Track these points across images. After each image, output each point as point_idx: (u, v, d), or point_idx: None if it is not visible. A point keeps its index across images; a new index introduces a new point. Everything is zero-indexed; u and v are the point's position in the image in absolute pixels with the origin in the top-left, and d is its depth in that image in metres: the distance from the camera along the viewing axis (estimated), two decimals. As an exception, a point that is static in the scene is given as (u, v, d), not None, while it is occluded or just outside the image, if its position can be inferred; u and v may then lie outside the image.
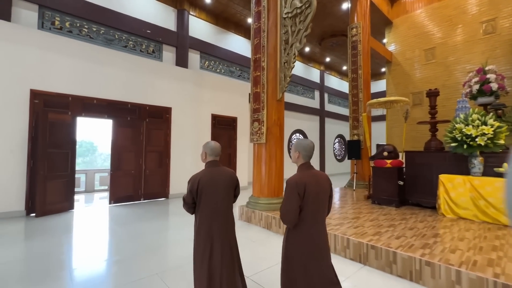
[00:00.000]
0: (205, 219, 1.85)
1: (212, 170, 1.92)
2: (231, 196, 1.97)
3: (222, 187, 1.89)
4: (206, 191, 1.84)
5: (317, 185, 1.61)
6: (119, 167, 6.33)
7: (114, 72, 6.34)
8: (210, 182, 1.86)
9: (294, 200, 1.55)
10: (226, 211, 1.92)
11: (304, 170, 1.67)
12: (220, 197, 1.88)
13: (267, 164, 4.72)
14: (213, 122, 8.29)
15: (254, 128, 4.88)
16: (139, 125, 6.68)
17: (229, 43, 9.94)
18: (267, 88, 4.76)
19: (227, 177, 1.93)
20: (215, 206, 1.86)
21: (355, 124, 7.89)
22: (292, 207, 1.55)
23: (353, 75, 7.99)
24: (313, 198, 1.57)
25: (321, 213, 1.64)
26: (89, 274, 2.79)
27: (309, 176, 1.62)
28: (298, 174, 1.65)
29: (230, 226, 1.94)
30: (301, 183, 1.56)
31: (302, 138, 1.76)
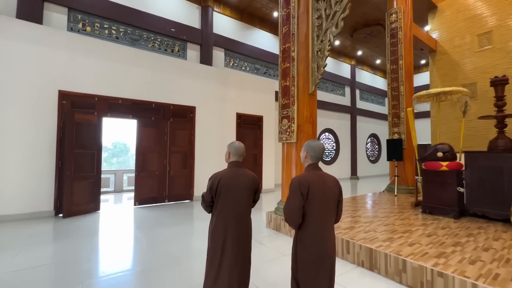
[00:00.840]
0: (221, 220, 1.81)
1: (234, 170, 1.88)
2: (250, 199, 1.92)
3: (242, 189, 1.84)
4: (226, 191, 1.80)
5: (323, 186, 1.56)
6: (143, 168, 6.21)
7: (139, 71, 6.24)
8: (231, 182, 1.82)
9: (296, 200, 1.53)
10: (243, 215, 1.85)
11: (310, 170, 1.64)
12: (239, 199, 1.83)
13: (298, 166, 4.20)
14: (238, 121, 7.94)
15: (283, 126, 4.38)
16: (163, 125, 6.52)
17: (254, 39, 9.55)
18: (297, 81, 4.24)
19: (248, 180, 1.88)
20: (232, 207, 1.82)
21: (395, 121, 7.03)
22: (294, 207, 1.53)
23: (392, 67, 7.13)
24: (318, 200, 1.53)
25: (328, 217, 1.58)
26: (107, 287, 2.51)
27: (314, 176, 1.58)
28: (303, 173, 1.63)
29: (246, 230, 1.87)
30: (304, 182, 1.54)
31: (312, 140, 1.77)
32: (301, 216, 1.54)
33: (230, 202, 1.82)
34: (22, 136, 4.88)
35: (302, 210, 1.53)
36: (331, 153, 12.58)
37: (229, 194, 1.81)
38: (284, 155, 4.41)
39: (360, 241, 3.02)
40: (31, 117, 4.98)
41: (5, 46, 4.81)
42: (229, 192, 1.81)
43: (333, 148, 12.69)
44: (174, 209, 5.90)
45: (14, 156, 4.80)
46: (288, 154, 4.32)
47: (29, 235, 3.97)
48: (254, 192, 1.93)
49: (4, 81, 4.77)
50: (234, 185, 1.82)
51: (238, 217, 1.83)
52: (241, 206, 1.85)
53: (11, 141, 4.78)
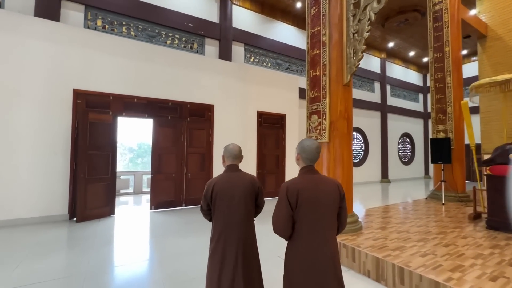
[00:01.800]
0: (219, 228, 1.70)
1: (230, 175, 1.76)
2: (249, 205, 1.76)
3: (239, 195, 1.71)
4: (221, 197, 1.70)
5: (315, 191, 1.39)
6: (159, 170, 5.87)
7: (155, 68, 5.93)
8: (226, 188, 1.71)
9: (283, 208, 1.39)
10: (243, 222, 1.71)
11: (302, 174, 1.48)
12: (235, 205, 1.70)
13: (330, 170, 3.55)
14: (259, 120, 7.40)
15: (312, 123, 3.75)
16: (180, 125, 6.16)
17: (276, 33, 8.97)
18: (329, 70, 3.60)
19: (246, 184, 1.74)
20: (229, 215, 1.69)
21: (440, 118, 6.09)
22: (282, 216, 1.40)
23: (436, 55, 6.19)
24: (310, 207, 1.38)
25: (324, 227, 1.40)
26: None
27: (306, 181, 1.42)
28: (294, 178, 1.47)
29: (248, 239, 1.72)
30: (293, 189, 1.39)
31: (305, 138, 1.56)
32: (290, 226, 1.40)
33: (225, 209, 1.69)
34: (36, 137, 4.72)
35: (291, 220, 1.39)
36: (359, 154, 11.61)
37: (224, 200, 1.70)
38: (314, 157, 3.78)
39: (419, 270, 2.33)
40: (46, 116, 4.81)
41: (21, 44, 4.67)
42: (223, 199, 1.70)
43: (362, 149, 11.72)
44: (191, 215, 5.48)
45: (28, 158, 4.64)
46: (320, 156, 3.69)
47: (37, 243, 3.71)
48: (254, 196, 1.78)
49: (19, 80, 4.63)
50: (229, 191, 1.70)
51: (236, 225, 1.69)
52: (238, 213, 1.70)
53: (24, 141, 4.63)
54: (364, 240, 3.14)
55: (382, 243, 3.01)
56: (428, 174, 14.39)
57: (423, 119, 14.61)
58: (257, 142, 7.29)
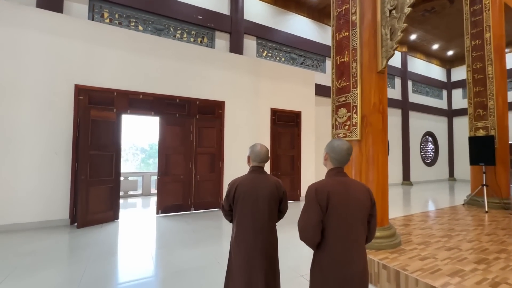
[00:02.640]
0: (241, 231, 1.63)
1: (254, 177, 1.69)
2: (273, 210, 1.68)
3: (262, 198, 1.63)
4: (244, 199, 1.63)
5: (346, 196, 1.28)
6: (166, 171, 5.46)
7: (162, 62, 5.53)
8: (250, 190, 1.64)
9: (313, 212, 1.26)
10: (265, 227, 1.62)
11: (331, 176, 1.36)
12: (258, 211, 1.62)
13: (362, 173, 2.99)
14: (272, 117, 6.88)
15: (340, 117, 3.20)
16: (188, 123, 5.73)
17: (290, 26, 8.42)
18: (360, 55, 3.04)
19: (270, 188, 1.66)
20: (251, 220, 1.61)
21: (479, 113, 5.37)
22: (310, 221, 1.26)
23: (474, 42, 5.48)
24: (341, 212, 1.25)
25: (355, 235, 1.26)
26: None
27: (336, 183, 1.31)
28: (322, 180, 1.37)
29: (269, 246, 1.62)
30: (322, 191, 1.27)
31: (336, 138, 1.45)
32: (319, 232, 1.26)
33: (249, 213, 1.63)
34: (35, 135, 4.40)
35: (320, 226, 1.26)
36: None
37: (247, 204, 1.63)
38: (341, 157, 3.22)
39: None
40: (45, 114, 4.49)
41: (20, 37, 4.37)
42: (246, 202, 1.63)
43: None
44: (201, 220, 5.02)
45: (26, 158, 4.32)
46: (347, 156, 3.13)
47: (31, 251, 3.34)
48: (278, 202, 1.71)
49: (18, 75, 4.32)
50: (253, 195, 1.64)
51: (258, 231, 1.61)
52: (261, 219, 1.62)
53: (23, 140, 4.31)
54: (409, 260, 2.56)
55: (432, 265, 2.43)
56: (453, 176, 13.40)
57: (447, 117, 13.63)
58: (270, 142, 6.77)
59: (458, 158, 13.21)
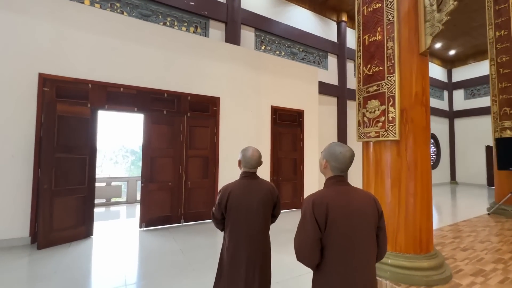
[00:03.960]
0: (234, 241, 1.55)
1: (247, 182, 1.62)
2: (267, 217, 1.63)
3: (257, 206, 1.57)
4: (237, 207, 1.56)
5: (349, 208, 1.11)
6: (152, 177, 4.67)
7: (148, 51, 4.76)
8: (243, 197, 1.57)
9: (310, 229, 1.09)
10: (260, 235, 1.57)
11: (331, 185, 1.20)
12: (253, 218, 1.56)
13: (402, 184, 2.31)
14: (273, 116, 6.18)
15: (370, 111, 2.52)
16: (178, 121, 4.97)
17: (290, 18, 7.78)
18: (398, 31, 2.38)
19: (264, 193, 1.61)
20: (245, 227, 1.55)
21: (506, 112, 4.80)
22: (307, 240, 1.09)
23: (499, 33, 4.93)
24: (341, 228, 1.08)
25: (360, 252, 1.09)
26: None
27: (336, 194, 1.14)
28: (320, 190, 1.20)
29: (263, 253, 1.56)
30: (320, 204, 1.10)
31: (336, 143, 1.24)
32: (318, 251, 1.09)
33: (241, 223, 1.55)
34: (-15, 135, 3.56)
35: (319, 244, 1.09)
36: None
37: (241, 212, 1.55)
38: (370, 163, 2.53)
39: None
40: (0, 109, 3.66)
41: (-33, 13, 3.54)
42: (240, 210, 1.55)
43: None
44: (191, 235, 4.26)
45: (-26, 163, 3.48)
46: (378, 162, 2.44)
47: (-37, 289, 2.52)
48: (272, 207, 1.65)
49: (-36, 60, 3.49)
50: (246, 201, 1.56)
51: (252, 238, 1.54)
52: (255, 226, 1.56)
53: (-31, 141, 3.47)
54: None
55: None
56: (454, 179, 13.00)
57: (448, 119, 13.26)
58: (271, 143, 6.07)
59: (460, 160, 12.83)
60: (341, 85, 8.67)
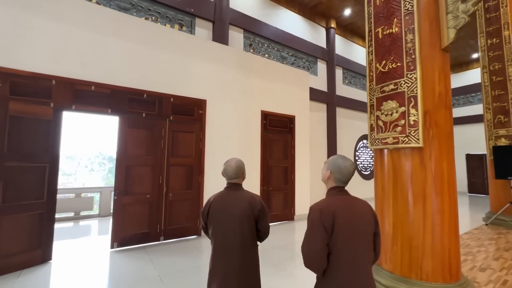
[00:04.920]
0: (214, 252, 1.53)
1: (227, 194, 1.60)
2: (246, 230, 1.51)
3: (234, 217, 1.51)
4: (216, 218, 1.54)
5: (352, 215, 1.18)
6: (127, 189, 4.07)
7: (126, 46, 4.23)
8: (221, 208, 1.55)
9: (318, 235, 1.15)
10: (239, 249, 1.48)
11: (335, 194, 1.27)
12: (230, 229, 1.50)
13: (427, 199, 1.96)
14: (263, 122, 5.79)
15: (386, 114, 2.18)
16: (159, 125, 4.43)
17: (280, 21, 7.54)
18: (419, 23, 2.08)
19: (243, 205, 1.53)
20: (223, 239, 1.51)
21: (501, 120, 4.74)
22: (316, 245, 1.15)
23: (491, 41, 4.91)
24: (347, 234, 1.15)
25: (362, 257, 1.17)
26: None
27: (341, 202, 1.22)
28: (325, 199, 1.27)
29: (245, 269, 1.46)
30: (328, 212, 1.17)
31: (341, 156, 1.32)
32: (325, 258, 1.15)
33: (219, 232, 1.53)
34: None
35: (327, 250, 1.15)
36: (370, 164, 10.23)
37: (219, 223, 1.53)
38: (386, 174, 2.18)
39: None
40: None
41: None
42: (218, 221, 1.54)
43: (372, 159, 10.34)
44: (172, 257, 3.68)
45: None
46: (400, 173, 2.09)
47: None
48: (253, 219, 1.54)
49: None
50: (224, 212, 1.53)
51: (228, 251, 1.48)
52: (230, 238, 1.49)
53: None
54: None
55: None
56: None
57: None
58: (261, 151, 5.66)
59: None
60: (330, 92, 8.51)
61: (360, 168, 9.67)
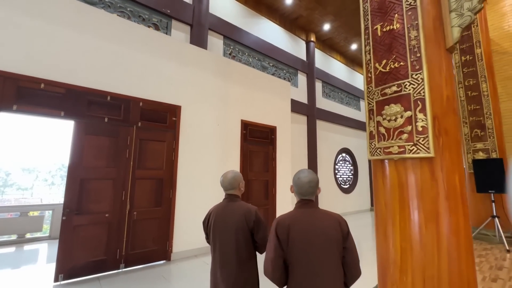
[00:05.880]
0: (212, 263, 1.56)
1: (224, 205, 1.62)
2: (241, 242, 1.50)
3: (229, 229, 1.51)
4: (214, 229, 1.56)
5: (309, 228, 1.18)
6: (80, 207, 3.39)
7: (87, 40, 3.68)
8: (219, 220, 1.56)
9: (272, 246, 1.20)
10: (232, 260, 1.47)
11: (296, 208, 1.31)
12: (226, 241, 1.51)
13: (440, 218, 1.67)
14: (243, 132, 5.41)
15: (389, 118, 1.90)
16: (124, 133, 3.85)
17: (261, 30, 7.40)
18: (422, 18, 1.87)
19: (238, 217, 1.52)
20: (219, 251, 1.51)
21: (478, 133, 4.81)
22: (270, 255, 1.20)
23: (465, 57, 5.09)
24: (301, 247, 1.15)
25: (321, 272, 1.12)
26: None
27: (299, 215, 1.24)
28: (288, 212, 1.31)
29: (239, 282, 1.44)
30: (283, 225, 1.21)
31: (302, 169, 1.36)
32: (280, 269, 1.16)
33: (216, 245, 1.54)
34: None
35: (280, 261, 1.17)
36: (349, 178, 10.19)
37: (215, 234, 1.55)
38: (389, 188, 1.87)
39: None
40: None
41: None
42: (215, 232, 1.55)
43: (351, 173, 10.34)
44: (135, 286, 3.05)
45: None
46: (407, 188, 1.79)
47: None
48: (248, 232, 1.52)
49: None
50: (221, 224, 1.55)
51: (224, 263, 1.48)
52: (226, 250, 1.49)
53: None
54: None
55: None
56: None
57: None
58: (240, 163, 5.23)
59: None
60: (311, 104, 8.43)
61: (339, 182, 9.57)
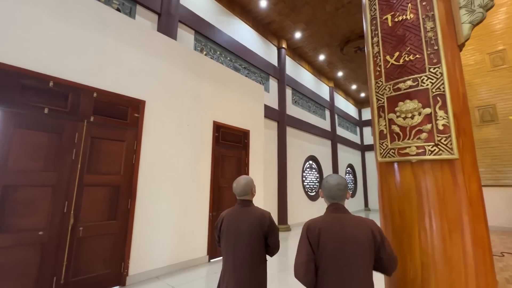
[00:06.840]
0: (225, 267, 1.57)
1: (238, 209, 1.66)
2: (255, 245, 1.54)
3: (243, 233, 1.55)
4: (227, 233, 1.59)
5: (340, 233, 1.20)
6: (2, 223, 2.55)
7: (26, 11, 2.90)
8: (232, 223, 1.60)
9: (303, 250, 1.23)
10: (246, 263, 1.50)
11: (327, 213, 1.33)
12: (240, 245, 1.54)
13: (467, 229, 1.48)
14: (215, 135, 4.94)
15: (404, 116, 1.70)
16: (71, 128, 3.10)
17: (234, 31, 7.09)
18: (438, 9, 1.74)
19: (252, 221, 1.57)
20: (233, 254, 1.54)
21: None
22: (301, 258, 1.22)
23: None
24: (331, 252, 1.18)
25: (351, 276, 1.15)
26: None
27: (330, 220, 1.26)
28: (319, 216, 1.32)
29: (251, 283, 1.48)
30: (314, 228, 1.25)
31: (331, 174, 1.44)
32: (311, 271, 1.19)
33: (229, 249, 1.56)
34: None
35: (311, 264, 1.20)
36: (315, 186, 10.29)
37: (229, 238, 1.58)
38: (404, 194, 1.65)
39: None
40: None
41: None
42: (228, 236, 1.58)
43: (317, 180, 10.47)
44: (74, 332, 2.32)
45: None
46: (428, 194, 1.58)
47: None
48: (262, 235, 1.57)
49: None
50: (235, 227, 1.58)
51: (237, 267, 1.50)
52: (240, 255, 1.52)
53: None
54: None
55: None
56: (367, 206, 14.39)
57: (361, 151, 15.02)
58: (212, 168, 4.73)
59: (371, 189, 14.42)
60: (281, 110, 8.32)
61: (306, 189, 9.58)
